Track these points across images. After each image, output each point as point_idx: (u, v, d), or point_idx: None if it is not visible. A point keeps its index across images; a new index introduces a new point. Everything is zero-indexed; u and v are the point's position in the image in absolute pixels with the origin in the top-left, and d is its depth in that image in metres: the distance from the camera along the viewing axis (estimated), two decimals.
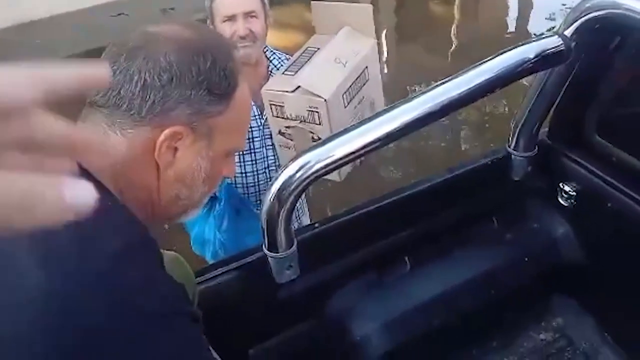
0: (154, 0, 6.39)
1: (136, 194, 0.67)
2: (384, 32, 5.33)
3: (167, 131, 0.64)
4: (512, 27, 5.68)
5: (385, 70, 4.59)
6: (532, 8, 6.02)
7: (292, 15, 5.20)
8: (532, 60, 1.19)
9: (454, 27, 5.64)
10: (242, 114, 0.72)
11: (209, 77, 0.65)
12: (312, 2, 1.63)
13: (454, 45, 5.21)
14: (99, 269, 0.54)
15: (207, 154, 0.68)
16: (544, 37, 1.21)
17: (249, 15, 1.56)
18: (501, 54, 1.21)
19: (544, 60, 1.21)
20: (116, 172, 0.64)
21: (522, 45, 1.22)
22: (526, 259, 1.45)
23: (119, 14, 6.18)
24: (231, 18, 1.55)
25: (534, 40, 1.21)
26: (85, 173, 0.59)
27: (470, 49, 5.01)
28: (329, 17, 1.60)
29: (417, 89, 4.27)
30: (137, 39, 0.66)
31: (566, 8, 5.55)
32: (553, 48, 1.20)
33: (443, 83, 1.19)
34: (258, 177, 1.74)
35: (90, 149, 0.61)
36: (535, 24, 5.55)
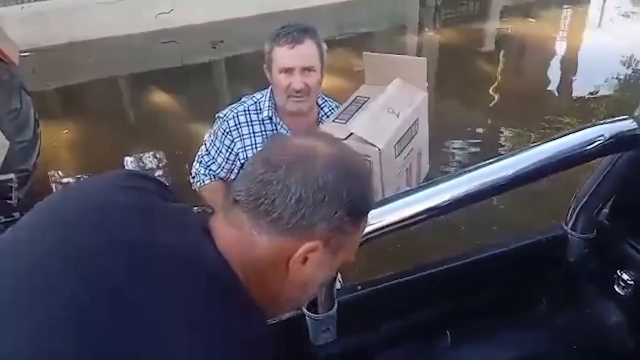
0: (204, 31, 6.55)
1: (260, 291, 0.70)
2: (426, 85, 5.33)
3: (307, 245, 0.68)
4: (554, 88, 5.64)
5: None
6: (576, 71, 5.98)
7: (338, 60, 5.26)
8: (604, 142, 1.14)
9: (495, 82, 5.62)
10: (361, 234, 0.77)
11: (354, 201, 0.69)
12: (364, 53, 1.62)
13: (494, 101, 5.18)
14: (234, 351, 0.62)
15: (328, 266, 0.73)
16: (618, 120, 1.16)
17: (306, 69, 1.57)
18: (572, 132, 1.16)
19: (616, 143, 1.15)
20: (248, 269, 0.69)
21: (594, 125, 1.17)
22: (575, 347, 1.36)
23: (169, 41, 6.36)
24: (289, 70, 1.56)
25: (607, 122, 1.16)
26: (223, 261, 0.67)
27: (511, 104, 4.99)
28: (380, 68, 1.59)
29: (454, 143, 4.23)
30: (294, 153, 0.69)
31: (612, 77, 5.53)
32: (628, 131, 1.15)
33: (505, 158, 1.14)
34: None
35: (233, 241, 0.69)
36: (580, 87, 5.51)
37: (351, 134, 1.37)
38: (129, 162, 3.92)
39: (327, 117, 1.69)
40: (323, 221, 0.67)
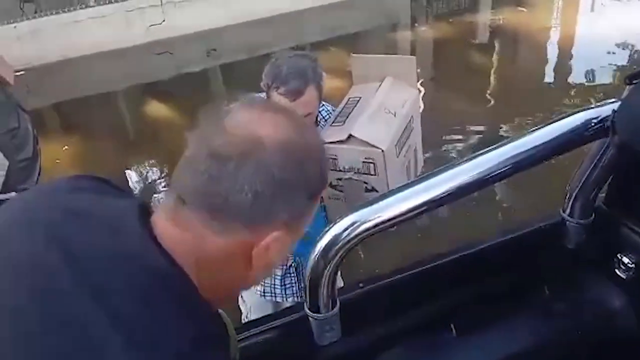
0: (198, 40, 6.56)
1: (218, 282, 0.66)
2: (421, 79, 5.33)
3: (270, 237, 0.64)
4: (549, 77, 5.63)
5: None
6: (570, 58, 5.98)
7: (332, 61, 5.26)
8: (595, 127, 1.15)
9: (491, 74, 5.62)
10: (317, 205, 0.73)
11: (312, 181, 0.66)
12: (352, 55, 1.63)
13: (490, 91, 5.18)
14: (179, 351, 0.56)
15: (289, 246, 0.70)
16: (607, 103, 1.16)
17: (305, 115, 1.50)
18: (561, 119, 1.17)
19: (607, 128, 1.16)
20: (200, 266, 0.64)
21: (582, 110, 1.18)
22: (579, 332, 1.36)
23: (163, 52, 6.38)
24: None
25: (596, 106, 1.16)
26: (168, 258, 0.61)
27: (507, 97, 4.99)
28: (369, 69, 1.61)
29: (453, 137, 4.23)
30: (240, 142, 0.62)
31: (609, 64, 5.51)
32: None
33: (500, 146, 1.15)
34: None
35: (182, 241, 0.62)
36: (575, 75, 5.50)
37: (351, 135, 1.38)
38: (131, 175, 3.94)
39: (325, 120, 1.69)
40: (284, 212, 0.64)
